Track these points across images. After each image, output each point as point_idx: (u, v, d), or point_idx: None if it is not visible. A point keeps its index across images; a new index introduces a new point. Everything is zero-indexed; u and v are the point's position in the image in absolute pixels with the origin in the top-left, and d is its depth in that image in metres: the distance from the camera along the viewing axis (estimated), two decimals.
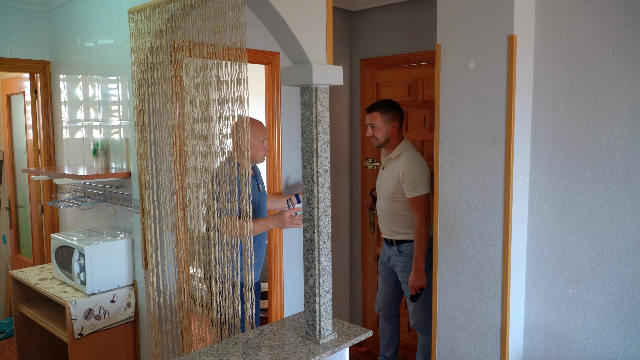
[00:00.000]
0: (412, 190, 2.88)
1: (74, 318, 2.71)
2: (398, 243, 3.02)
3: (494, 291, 2.41)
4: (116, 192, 3.14)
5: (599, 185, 2.24)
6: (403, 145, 3.00)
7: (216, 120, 2.20)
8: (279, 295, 3.53)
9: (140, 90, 2.68)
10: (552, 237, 2.40)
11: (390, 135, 2.98)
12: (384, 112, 2.96)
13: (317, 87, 1.86)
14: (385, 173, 3.02)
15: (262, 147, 2.74)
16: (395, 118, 2.99)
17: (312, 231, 1.91)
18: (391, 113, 2.98)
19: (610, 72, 2.17)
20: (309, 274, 1.95)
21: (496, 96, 2.34)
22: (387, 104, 3.00)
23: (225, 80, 2.13)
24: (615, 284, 2.22)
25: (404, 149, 2.98)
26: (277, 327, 2.11)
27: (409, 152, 2.97)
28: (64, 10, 3.54)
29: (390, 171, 2.97)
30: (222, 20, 2.11)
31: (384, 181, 3.02)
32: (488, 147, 2.39)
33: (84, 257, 2.76)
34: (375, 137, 2.99)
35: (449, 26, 2.49)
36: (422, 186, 2.88)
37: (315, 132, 1.87)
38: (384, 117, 2.95)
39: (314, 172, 1.89)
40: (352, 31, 3.88)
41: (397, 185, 2.93)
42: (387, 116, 2.96)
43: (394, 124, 2.98)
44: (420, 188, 2.87)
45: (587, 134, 2.25)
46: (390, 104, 3.01)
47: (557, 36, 2.33)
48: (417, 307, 3.02)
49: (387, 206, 3.00)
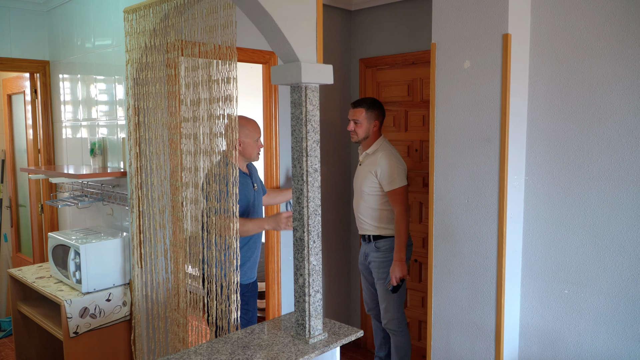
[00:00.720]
0: (391, 183, 2.93)
1: (69, 316, 2.72)
2: (375, 239, 3.05)
3: (488, 292, 2.39)
4: (113, 191, 3.15)
5: (594, 185, 2.22)
6: (380, 141, 3.05)
7: (207, 119, 2.20)
8: (276, 295, 3.52)
9: (135, 90, 2.69)
10: (548, 237, 2.38)
11: (371, 133, 3.03)
12: (369, 110, 3.00)
13: (307, 86, 1.85)
14: (363, 169, 3.06)
15: (256, 146, 2.73)
16: (378, 117, 3.03)
17: (302, 230, 1.91)
18: (376, 112, 3.02)
19: (606, 71, 2.15)
20: (298, 273, 1.94)
21: (491, 95, 2.33)
22: (372, 102, 3.03)
23: (216, 80, 2.13)
24: (611, 285, 2.20)
25: (381, 145, 3.03)
26: (268, 326, 2.10)
27: (386, 147, 3.02)
28: (63, 10, 3.56)
29: (368, 166, 3.01)
30: (213, 19, 2.10)
31: (361, 176, 3.05)
32: (483, 147, 2.38)
33: (80, 255, 2.77)
34: (356, 133, 3.03)
35: (443, 25, 2.47)
36: (400, 179, 2.94)
37: (305, 131, 1.86)
38: (368, 114, 2.99)
39: (304, 171, 1.88)
40: (350, 30, 3.87)
41: (374, 179, 2.97)
42: (371, 114, 3.00)
43: (376, 122, 3.03)
44: (398, 181, 2.93)
45: (582, 133, 2.23)
46: (374, 103, 3.04)
47: (553, 35, 2.31)
48: (389, 305, 3.03)
49: (364, 201, 3.04)
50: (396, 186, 2.93)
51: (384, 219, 3.02)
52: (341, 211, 3.92)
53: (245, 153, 2.69)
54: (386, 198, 2.99)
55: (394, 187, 2.93)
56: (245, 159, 2.74)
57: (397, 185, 2.93)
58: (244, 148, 2.66)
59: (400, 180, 2.94)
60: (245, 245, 2.70)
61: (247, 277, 2.74)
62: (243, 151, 2.67)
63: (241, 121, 2.68)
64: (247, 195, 2.69)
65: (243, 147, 2.66)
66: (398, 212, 2.92)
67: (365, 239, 3.11)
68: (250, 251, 2.73)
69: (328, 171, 3.77)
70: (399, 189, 2.93)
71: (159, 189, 2.64)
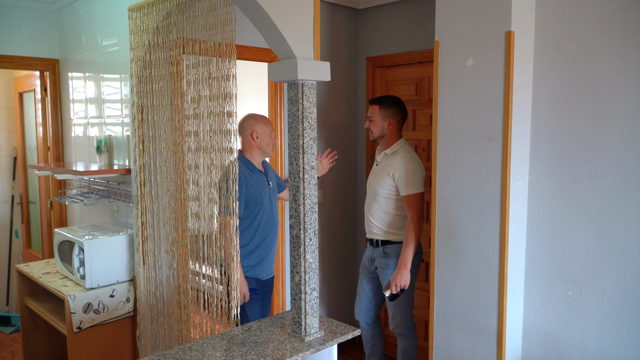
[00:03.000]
0: (408, 188, 2.81)
1: (73, 312, 2.75)
2: (384, 244, 2.93)
3: (490, 292, 2.36)
4: (118, 189, 3.18)
5: (599, 184, 2.18)
6: (400, 143, 2.93)
7: (207, 116, 2.21)
8: (280, 293, 3.53)
9: (139, 87, 2.71)
10: (552, 237, 2.34)
11: (387, 131, 2.92)
12: (383, 108, 2.91)
13: (304, 83, 1.85)
14: (379, 169, 2.95)
15: (270, 140, 2.77)
16: (394, 116, 2.92)
17: (298, 228, 1.90)
18: (391, 110, 2.92)
19: (612, 69, 2.11)
20: (295, 271, 1.93)
21: (494, 93, 2.30)
22: (390, 100, 2.94)
23: (216, 77, 2.13)
24: (616, 287, 2.16)
25: (401, 147, 2.92)
26: (265, 324, 2.10)
27: (406, 150, 2.91)
28: (72, 9, 3.60)
29: (385, 167, 2.90)
30: (213, 16, 2.11)
31: (377, 177, 2.94)
32: (485, 146, 2.35)
33: (84, 251, 2.80)
34: (371, 130, 2.95)
35: (447, 22, 2.45)
36: (417, 184, 2.82)
37: (302, 128, 1.86)
38: (382, 113, 2.90)
39: (300, 169, 1.87)
40: (357, 29, 3.86)
41: (391, 182, 2.86)
42: (385, 112, 2.91)
43: (390, 121, 2.91)
44: (415, 186, 2.81)
45: (587, 132, 2.20)
46: (392, 101, 2.94)
47: (558, 32, 2.27)
48: (397, 310, 2.94)
49: (377, 203, 2.92)
50: (413, 192, 2.81)
51: (394, 224, 2.91)
52: (347, 212, 3.90)
53: (262, 146, 2.73)
54: (401, 202, 2.87)
55: (410, 192, 2.81)
56: (262, 153, 2.77)
57: (413, 190, 2.81)
58: (260, 141, 2.70)
59: (417, 185, 2.82)
60: (263, 242, 2.73)
61: (265, 273, 2.78)
62: (260, 144, 2.71)
63: (253, 117, 2.73)
64: (261, 194, 2.71)
65: (260, 140, 2.70)
66: (410, 219, 2.80)
67: (372, 243, 3.00)
68: (267, 248, 2.76)
69: (336, 172, 3.76)
70: (415, 195, 2.82)
71: (162, 186, 2.66)
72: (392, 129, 2.92)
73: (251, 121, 2.73)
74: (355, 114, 3.89)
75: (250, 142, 2.72)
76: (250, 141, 2.72)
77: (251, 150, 2.74)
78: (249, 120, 2.75)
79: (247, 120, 2.75)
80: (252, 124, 2.72)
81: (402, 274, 2.79)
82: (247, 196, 2.62)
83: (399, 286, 2.80)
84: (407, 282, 2.81)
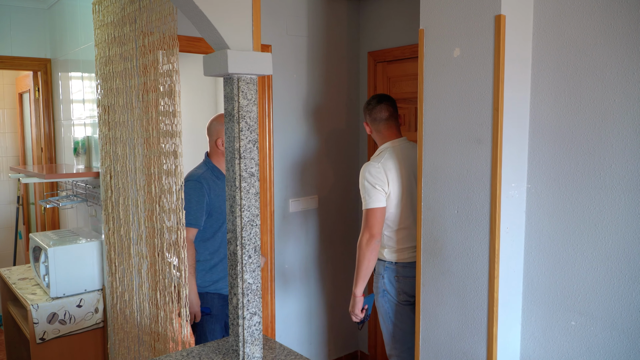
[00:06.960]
0: (363, 202, 2.43)
1: (36, 322, 2.61)
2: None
3: (479, 317, 2.04)
4: (94, 192, 3.04)
5: (608, 195, 1.82)
6: (382, 148, 2.54)
7: (155, 116, 2.00)
8: (269, 305, 3.29)
9: (103, 85, 2.54)
10: (553, 257, 1.99)
11: (375, 136, 2.60)
12: (363, 110, 2.62)
13: (240, 78, 1.60)
14: None
15: None
16: (366, 118, 2.59)
17: (235, 244, 1.65)
18: (364, 112, 2.61)
19: (624, 57, 1.74)
20: (232, 292, 1.69)
21: (482, 88, 1.97)
22: (366, 102, 2.63)
23: (162, 72, 1.92)
24: (627, 319, 1.79)
25: (380, 153, 2.53)
26: (208, 349, 1.86)
27: (375, 158, 2.51)
28: (62, 7, 3.50)
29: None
30: (159, 6, 1.90)
31: None
32: (473, 149, 2.03)
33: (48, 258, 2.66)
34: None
35: (432, 7, 2.14)
36: (368, 199, 2.39)
37: (238, 129, 1.61)
38: (364, 114, 2.62)
39: (237, 176, 1.63)
40: (359, 22, 3.57)
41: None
42: (364, 115, 2.61)
43: (366, 124, 2.60)
44: (366, 201, 2.40)
45: (594, 133, 1.84)
46: (366, 103, 2.62)
47: (560, 15, 1.92)
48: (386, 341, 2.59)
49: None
50: (364, 207, 2.41)
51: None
52: (348, 222, 3.62)
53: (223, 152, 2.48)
54: None
55: (364, 207, 2.43)
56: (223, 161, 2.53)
57: (364, 205, 2.41)
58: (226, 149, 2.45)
59: (369, 200, 2.39)
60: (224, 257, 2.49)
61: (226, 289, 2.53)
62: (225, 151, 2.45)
63: (221, 121, 2.47)
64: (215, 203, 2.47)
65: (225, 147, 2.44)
66: (359, 237, 2.42)
67: None
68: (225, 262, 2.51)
69: (335, 178, 3.50)
70: (365, 211, 2.40)
71: (123, 192, 2.47)
72: (373, 132, 2.60)
73: (218, 126, 2.47)
74: (355, 114, 3.61)
75: (215, 148, 2.48)
76: (215, 147, 2.48)
77: (217, 155, 2.49)
78: (217, 124, 2.49)
79: (214, 124, 2.50)
80: (219, 130, 2.46)
81: (351, 300, 2.47)
82: (209, 205, 2.39)
83: (351, 313, 2.49)
84: (357, 308, 2.47)
